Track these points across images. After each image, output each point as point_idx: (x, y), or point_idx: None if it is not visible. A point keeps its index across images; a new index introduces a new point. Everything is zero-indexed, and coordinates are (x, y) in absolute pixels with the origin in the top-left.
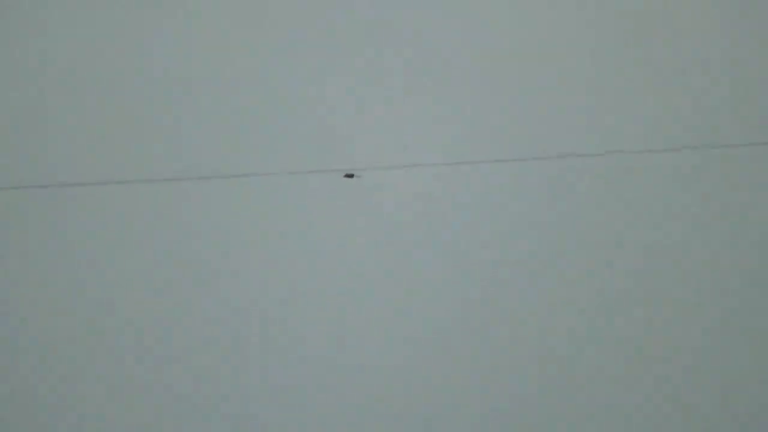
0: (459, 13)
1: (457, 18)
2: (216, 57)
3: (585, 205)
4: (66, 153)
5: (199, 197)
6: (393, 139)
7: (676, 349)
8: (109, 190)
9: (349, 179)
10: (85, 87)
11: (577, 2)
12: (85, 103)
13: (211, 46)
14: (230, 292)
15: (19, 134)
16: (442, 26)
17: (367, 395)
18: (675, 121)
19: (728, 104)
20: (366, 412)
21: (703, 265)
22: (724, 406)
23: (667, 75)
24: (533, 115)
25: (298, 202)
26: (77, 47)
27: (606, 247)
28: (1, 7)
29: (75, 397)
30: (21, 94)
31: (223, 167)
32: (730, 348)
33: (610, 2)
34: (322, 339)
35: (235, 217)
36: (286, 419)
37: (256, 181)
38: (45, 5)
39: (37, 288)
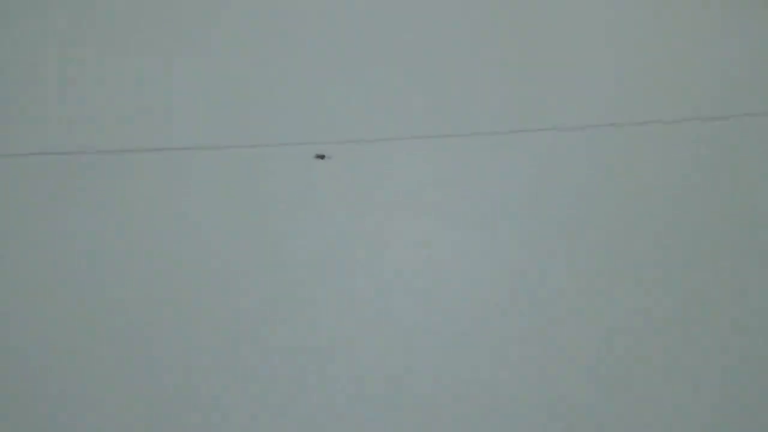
0: None
1: None
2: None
3: (578, 181)
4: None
5: (182, 168)
6: (381, 111)
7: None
8: (89, 159)
9: (320, 160)
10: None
11: None
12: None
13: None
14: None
15: (20, 101)
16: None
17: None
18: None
19: (730, 75)
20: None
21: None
22: (726, 406)
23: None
24: (521, 87)
25: (282, 175)
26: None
27: (596, 228)
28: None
29: (75, 395)
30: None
31: (203, 138)
32: (737, 349)
33: None
34: (293, 327)
35: (219, 191)
36: (278, 416)
37: (230, 154)
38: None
39: (35, 277)
